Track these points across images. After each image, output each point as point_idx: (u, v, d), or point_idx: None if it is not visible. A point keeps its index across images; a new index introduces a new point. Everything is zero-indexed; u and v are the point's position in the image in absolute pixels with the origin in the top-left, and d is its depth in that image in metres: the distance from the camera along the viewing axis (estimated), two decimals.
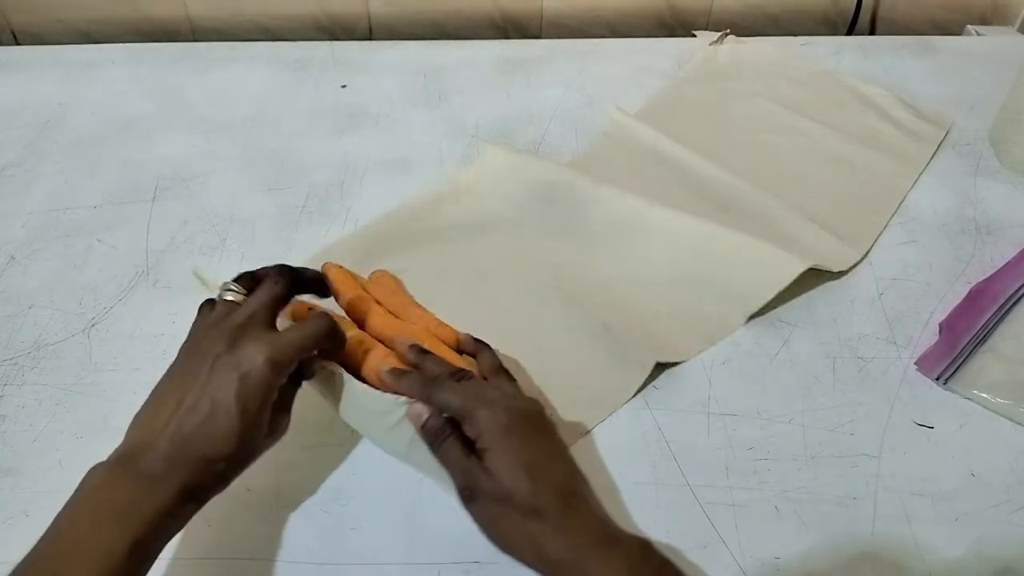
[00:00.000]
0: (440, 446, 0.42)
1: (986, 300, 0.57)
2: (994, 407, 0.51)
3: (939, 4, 0.95)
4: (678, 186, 0.67)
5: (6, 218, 0.65)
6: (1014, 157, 0.70)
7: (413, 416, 0.43)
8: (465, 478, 0.40)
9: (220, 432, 0.38)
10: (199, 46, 0.86)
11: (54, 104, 0.77)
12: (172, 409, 0.39)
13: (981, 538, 0.45)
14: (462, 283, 0.59)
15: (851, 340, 0.56)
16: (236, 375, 0.39)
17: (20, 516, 0.46)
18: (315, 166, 0.70)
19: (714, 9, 0.93)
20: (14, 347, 0.55)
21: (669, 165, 0.69)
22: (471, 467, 0.40)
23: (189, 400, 0.39)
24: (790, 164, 0.70)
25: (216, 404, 0.38)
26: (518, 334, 0.53)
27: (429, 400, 0.43)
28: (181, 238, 0.63)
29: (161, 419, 0.39)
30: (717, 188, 0.66)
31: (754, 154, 0.71)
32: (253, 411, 0.39)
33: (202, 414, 0.38)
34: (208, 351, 0.40)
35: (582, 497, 0.40)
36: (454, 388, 0.43)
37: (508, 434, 0.40)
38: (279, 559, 0.44)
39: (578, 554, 0.37)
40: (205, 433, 0.38)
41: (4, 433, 0.50)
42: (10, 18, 0.89)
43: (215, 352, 0.40)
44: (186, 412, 0.38)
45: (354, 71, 0.82)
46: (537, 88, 0.80)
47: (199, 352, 0.40)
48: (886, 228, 0.64)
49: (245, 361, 0.39)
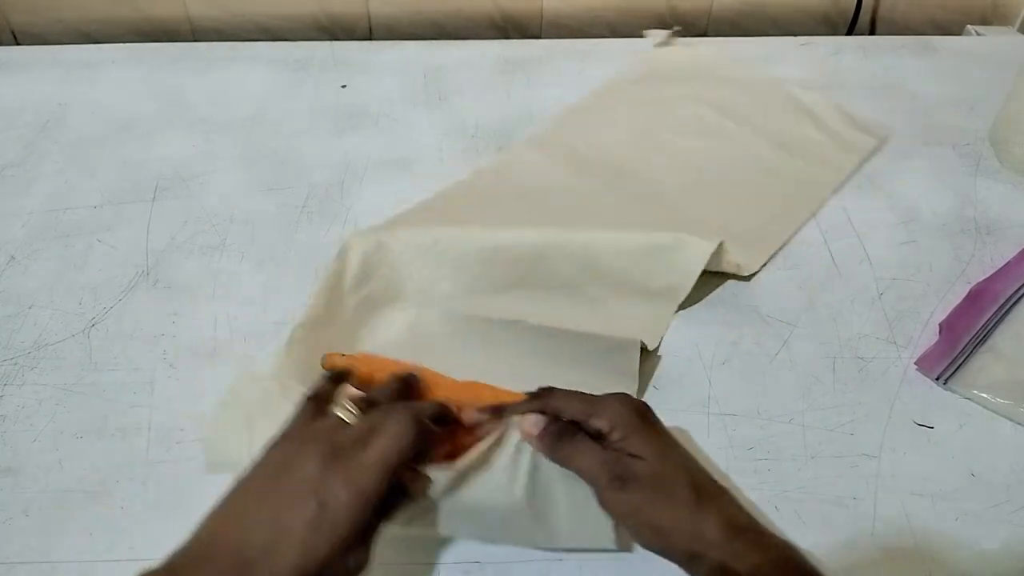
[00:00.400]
0: (570, 444, 0.39)
1: (986, 300, 0.57)
2: (994, 407, 0.51)
3: (939, 4, 0.95)
4: (588, 193, 0.67)
5: (6, 218, 0.65)
6: (1014, 157, 0.70)
7: (529, 426, 0.40)
8: (613, 467, 0.38)
9: (282, 565, 0.34)
10: (199, 46, 0.86)
11: (54, 104, 0.77)
12: (241, 524, 0.35)
13: (981, 538, 0.45)
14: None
15: (851, 340, 0.56)
16: (315, 502, 0.34)
17: (20, 516, 0.46)
18: (315, 166, 0.70)
19: (714, 9, 0.93)
20: (14, 347, 0.55)
21: (580, 171, 0.69)
22: (616, 456, 0.38)
23: (258, 517, 0.35)
24: (709, 169, 0.70)
25: (287, 532, 0.34)
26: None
27: (546, 408, 0.41)
28: (181, 238, 0.63)
29: (229, 534, 0.35)
30: (623, 194, 0.66)
31: (674, 158, 0.71)
32: (324, 548, 0.34)
33: (268, 539, 0.34)
34: (298, 467, 0.36)
35: (717, 484, 0.39)
36: (568, 393, 0.41)
37: (643, 420, 0.40)
38: None
39: (733, 537, 0.36)
40: (265, 563, 0.34)
41: (4, 433, 0.50)
42: (10, 18, 0.89)
43: (309, 470, 0.35)
44: (253, 529, 0.34)
45: (354, 71, 0.82)
46: (537, 88, 0.80)
47: (287, 464, 0.36)
48: (886, 229, 0.65)
49: (329, 489, 0.35)
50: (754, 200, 0.67)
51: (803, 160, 0.71)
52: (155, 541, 0.44)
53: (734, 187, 0.68)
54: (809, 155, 0.71)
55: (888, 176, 0.70)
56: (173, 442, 0.49)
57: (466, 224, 0.60)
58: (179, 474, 0.48)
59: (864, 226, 0.65)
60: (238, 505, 0.36)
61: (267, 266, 0.61)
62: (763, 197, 0.67)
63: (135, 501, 0.46)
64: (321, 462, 0.36)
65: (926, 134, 0.75)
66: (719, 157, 0.71)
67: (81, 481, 0.47)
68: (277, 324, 0.56)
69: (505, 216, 0.64)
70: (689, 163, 0.70)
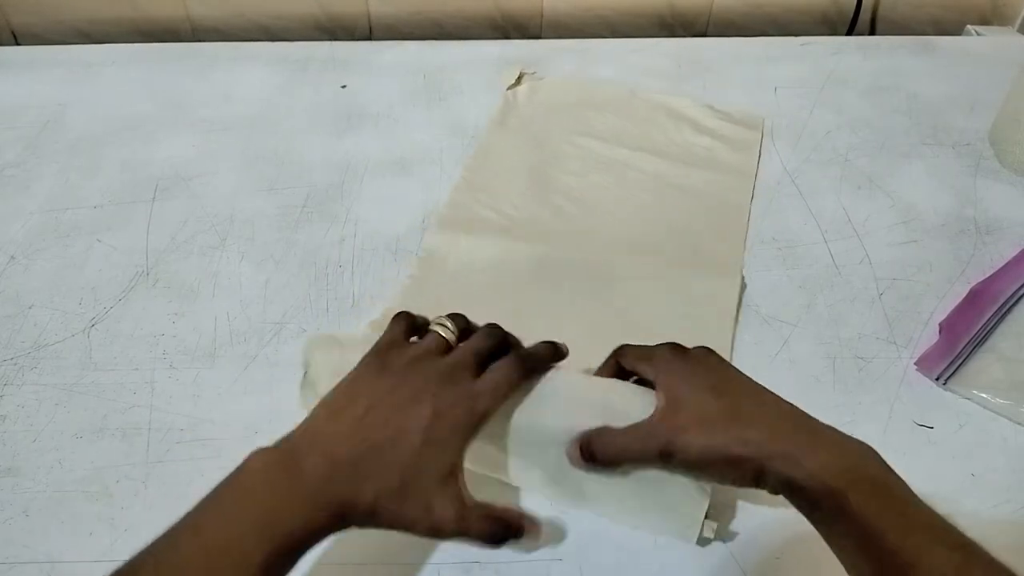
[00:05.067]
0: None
1: (986, 300, 0.57)
2: (994, 407, 0.51)
3: (939, 4, 0.95)
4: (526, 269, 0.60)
5: (6, 218, 0.65)
6: (1014, 157, 0.70)
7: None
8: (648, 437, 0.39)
9: (394, 460, 0.35)
10: (199, 46, 0.86)
11: (54, 104, 0.77)
12: (357, 417, 0.36)
13: (981, 538, 0.45)
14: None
15: (851, 340, 0.56)
16: (430, 410, 0.36)
17: (20, 516, 0.46)
18: (315, 166, 0.70)
19: (714, 9, 0.93)
20: (14, 347, 0.55)
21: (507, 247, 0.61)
22: (647, 424, 0.39)
23: (376, 417, 0.36)
24: (627, 204, 0.66)
25: (402, 432, 0.36)
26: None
27: (618, 359, 0.44)
28: (181, 238, 0.63)
29: (342, 423, 0.36)
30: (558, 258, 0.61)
31: (588, 201, 0.66)
32: (433, 452, 0.36)
33: (383, 436, 0.36)
34: (413, 378, 0.38)
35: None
36: (632, 347, 0.44)
37: (681, 359, 0.41)
38: None
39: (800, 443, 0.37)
40: (379, 458, 0.35)
41: (4, 433, 0.50)
42: (10, 18, 0.89)
43: (420, 381, 0.37)
44: (369, 427, 0.36)
45: (354, 71, 0.82)
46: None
47: (401, 374, 0.38)
48: (886, 229, 0.65)
49: (445, 401, 0.37)
50: (685, 225, 0.64)
51: (704, 170, 0.69)
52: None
53: (658, 218, 0.65)
54: (706, 163, 0.70)
55: (888, 176, 0.70)
56: (173, 442, 0.49)
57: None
58: (179, 474, 0.48)
59: (864, 226, 0.65)
60: (351, 404, 0.37)
61: (267, 266, 0.61)
62: (692, 218, 0.65)
63: (135, 501, 0.46)
64: (437, 377, 0.37)
65: (926, 134, 0.75)
66: (628, 188, 0.68)
67: (81, 481, 0.47)
68: (277, 324, 0.56)
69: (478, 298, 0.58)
70: (603, 205, 0.66)
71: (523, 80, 0.80)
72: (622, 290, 0.58)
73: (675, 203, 0.67)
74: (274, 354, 0.54)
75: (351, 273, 0.60)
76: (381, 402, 0.37)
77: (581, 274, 0.60)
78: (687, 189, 0.68)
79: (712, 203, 0.67)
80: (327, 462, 0.35)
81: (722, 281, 0.59)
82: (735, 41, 0.88)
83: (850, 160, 0.72)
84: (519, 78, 0.80)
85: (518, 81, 0.80)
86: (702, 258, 0.61)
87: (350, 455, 0.35)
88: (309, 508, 0.34)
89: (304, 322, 0.56)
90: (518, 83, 0.80)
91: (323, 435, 0.36)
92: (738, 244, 0.63)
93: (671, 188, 0.68)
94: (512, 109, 0.77)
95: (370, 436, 0.35)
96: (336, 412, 0.37)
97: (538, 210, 0.65)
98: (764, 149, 0.73)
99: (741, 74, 0.82)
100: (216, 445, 0.49)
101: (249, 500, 0.34)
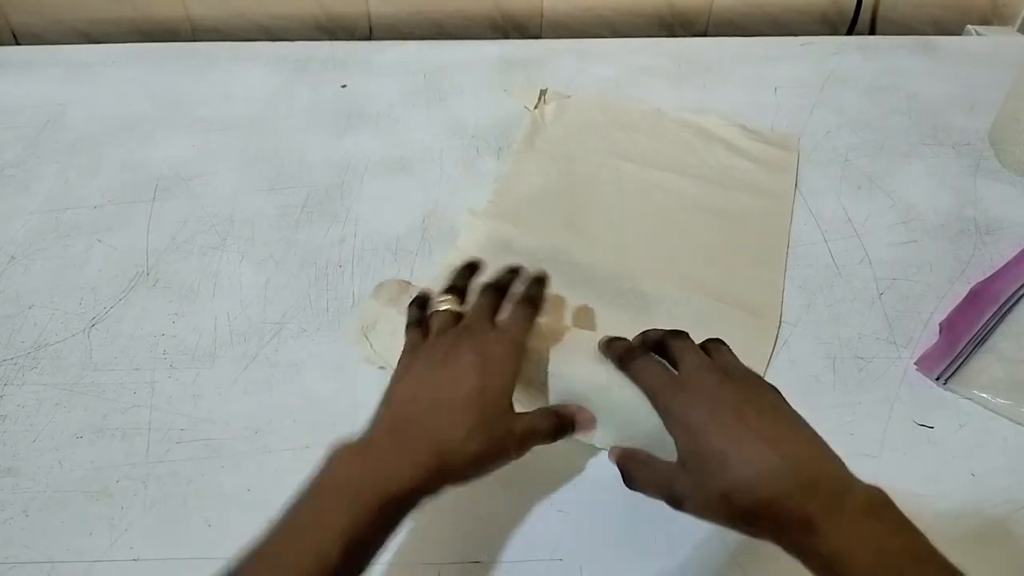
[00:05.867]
0: (636, 361, 0.43)
1: (986, 300, 0.57)
2: (994, 407, 0.51)
3: (939, 4, 0.95)
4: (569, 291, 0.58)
5: (6, 218, 0.65)
6: (1014, 157, 0.70)
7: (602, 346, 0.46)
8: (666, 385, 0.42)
9: (468, 404, 0.40)
10: (199, 46, 0.86)
11: (54, 104, 0.77)
12: (414, 394, 0.42)
13: (981, 538, 0.45)
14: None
15: (851, 340, 0.56)
16: (475, 356, 0.42)
17: (20, 516, 0.46)
18: (315, 166, 0.70)
19: (714, 9, 0.93)
20: (14, 347, 0.55)
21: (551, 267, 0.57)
22: (673, 376, 0.42)
23: (433, 382, 0.42)
24: (662, 227, 0.64)
25: (460, 381, 0.41)
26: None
27: (644, 338, 0.46)
28: (181, 238, 0.63)
29: (407, 402, 0.41)
30: (603, 286, 0.59)
31: (620, 225, 0.64)
32: (495, 383, 0.42)
33: (448, 393, 0.41)
34: (444, 347, 0.43)
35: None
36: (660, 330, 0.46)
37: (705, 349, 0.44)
38: None
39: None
40: (452, 407, 0.40)
41: (4, 433, 0.50)
42: (10, 18, 0.89)
43: (452, 345, 0.43)
44: (432, 389, 0.41)
45: (354, 71, 0.82)
46: (537, 88, 0.80)
47: (433, 351, 0.44)
48: (886, 229, 0.65)
49: (485, 347, 0.43)
50: (723, 252, 0.62)
51: (742, 192, 0.67)
52: (155, 541, 0.45)
53: (695, 242, 0.63)
54: (744, 186, 0.68)
55: (888, 176, 0.70)
56: (173, 442, 0.49)
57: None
58: (179, 474, 0.48)
59: (864, 226, 0.65)
60: (419, 384, 0.42)
61: (267, 266, 0.61)
62: (729, 245, 0.63)
63: (135, 501, 0.46)
64: (468, 336, 0.44)
65: (926, 134, 0.75)
66: (662, 212, 0.65)
67: (81, 481, 0.47)
68: (277, 324, 0.56)
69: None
70: (637, 228, 0.64)
71: (546, 98, 0.78)
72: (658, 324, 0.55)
73: (713, 228, 0.64)
74: (274, 354, 0.54)
75: (351, 273, 0.60)
76: (432, 372, 0.42)
77: (615, 304, 0.58)
78: (725, 213, 0.65)
79: (752, 228, 0.64)
80: (417, 428, 0.39)
81: (758, 322, 0.57)
82: (735, 41, 0.88)
83: (850, 160, 0.72)
84: (541, 95, 0.78)
85: (541, 98, 0.78)
86: (740, 291, 0.59)
87: (428, 411, 0.40)
88: (409, 468, 0.37)
89: (304, 322, 0.56)
90: (542, 100, 0.78)
91: (400, 408, 0.41)
92: (777, 276, 0.60)
93: (707, 212, 0.65)
94: (540, 130, 0.74)
95: (437, 396, 0.41)
96: (398, 402, 0.42)
97: (569, 238, 0.63)
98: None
99: (741, 74, 0.82)
100: (216, 445, 0.49)
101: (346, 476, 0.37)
